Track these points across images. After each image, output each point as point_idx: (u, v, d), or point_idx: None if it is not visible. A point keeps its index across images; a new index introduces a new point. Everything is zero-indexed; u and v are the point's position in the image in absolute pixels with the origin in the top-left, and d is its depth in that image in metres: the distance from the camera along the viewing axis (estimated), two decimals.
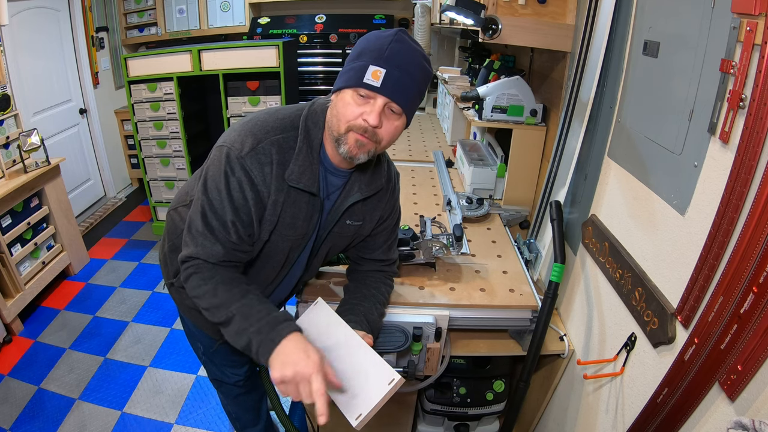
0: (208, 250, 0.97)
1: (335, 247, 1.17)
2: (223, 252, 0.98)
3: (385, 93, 0.89)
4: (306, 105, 1.04)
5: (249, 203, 0.96)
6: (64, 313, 2.75)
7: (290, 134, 0.98)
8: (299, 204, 1.01)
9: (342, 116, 0.92)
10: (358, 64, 0.90)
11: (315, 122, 0.99)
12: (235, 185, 0.95)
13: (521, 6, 1.49)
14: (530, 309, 1.31)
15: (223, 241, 0.97)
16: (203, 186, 0.97)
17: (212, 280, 0.98)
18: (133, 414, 2.08)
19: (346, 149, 0.94)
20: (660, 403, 0.89)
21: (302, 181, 0.98)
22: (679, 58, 0.93)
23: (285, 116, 1.00)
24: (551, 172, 1.53)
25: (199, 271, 0.98)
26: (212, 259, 0.98)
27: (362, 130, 0.91)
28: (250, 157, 0.94)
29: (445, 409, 1.55)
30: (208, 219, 0.96)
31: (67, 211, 2.99)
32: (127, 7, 4.07)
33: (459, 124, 2.57)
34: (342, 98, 0.93)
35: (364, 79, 0.88)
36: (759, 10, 0.69)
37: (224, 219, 0.96)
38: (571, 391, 1.38)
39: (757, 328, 0.67)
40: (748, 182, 0.71)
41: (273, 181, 0.96)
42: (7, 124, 2.59)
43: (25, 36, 3.14)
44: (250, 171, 0.94)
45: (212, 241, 0.97)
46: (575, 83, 1.37)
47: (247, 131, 0.96)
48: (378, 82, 0.88)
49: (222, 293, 0.97)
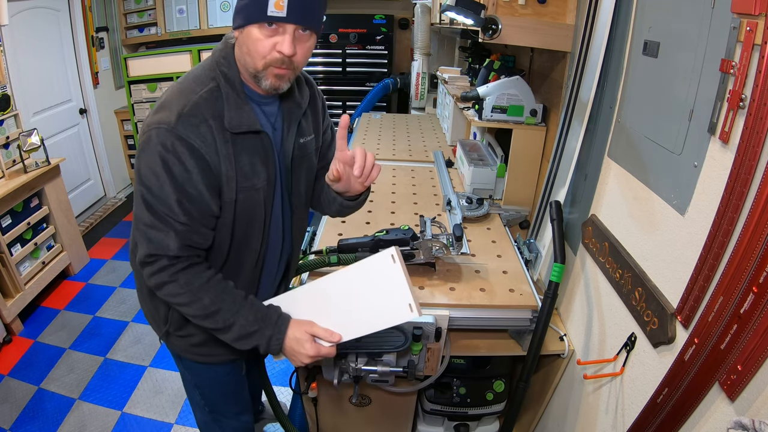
0: (161, 242, 0.91)
1: (308, 180, 1.14)
2: (177, 239, 0.92)
3: (292, 20, 0.85)
4: (212, 55, 1.00)
5: (193, 174, 0.90)
6: (64, 313, 2.75)
7: (211, 85, 0.94)
8: (250, 148, 0.97)
9: (255, 53, 0.89)
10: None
11: (228, 64, 0.95)
12: (173, 161, 0.88)
13: (521, 6, 1.49)
14: (530, 309, 1.31)
15: (174, 226, 0.91)
16: (138, 176, 0.91)
17: (189, 285, 0.95)
18: (133, 414, 2.08)
19: (268, 84, 0.92)
20: (660, 403, 0.89)
21: (243, 123, 0.94)
22: (679, 58, 0.93)
23: (198, 73, 0.96)
24: (551, 172, 1.53)
25: (163, 270, 0.94)
26: (170, 251, 0.92)
27: (279, 62, 0.89)
28: (182, 124, 0.88)
29: (445, 409, 1.55)
30: (152, 208, 0.90)
31: (67, 211, 2.99)
32: (127, 7, 4.07)
33: (459, 124, 2.57)
34: (248, 35, 0.88)
35: (268, 11, 0.84)
36: (759, 10, 0.69)
37: (168, 201, 0.90)
38: (571, 391, 1.38)
39: (757, 328, 0.67)
40: (748, 182, 0.71)
41: (216, 137, 0.92)
42: (7, 124, 2.58)
43: (25, 36, 3.14)
44: (186, 138, 0.88)
45: (164, 231, 0.91)
46: (575, 83, 1.37)
47: (166, 103, 0.92)
48: (283, 11, 0.84)
49: (208, 298, 0.95)
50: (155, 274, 0.95)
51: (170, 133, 0.87)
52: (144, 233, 0.92)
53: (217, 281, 0.98)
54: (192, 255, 0.96)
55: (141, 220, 0.92)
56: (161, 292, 0.97)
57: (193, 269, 0.96)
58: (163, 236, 0.91)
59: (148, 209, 0.91)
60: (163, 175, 0.88)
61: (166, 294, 0.97)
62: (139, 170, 0.91)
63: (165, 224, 0.91)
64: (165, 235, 0.91)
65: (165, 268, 0.94)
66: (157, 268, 0.94)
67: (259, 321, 0.98)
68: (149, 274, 0.95)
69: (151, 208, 0.90)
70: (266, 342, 0.98)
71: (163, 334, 1.17)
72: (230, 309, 0.97)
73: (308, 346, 0.97)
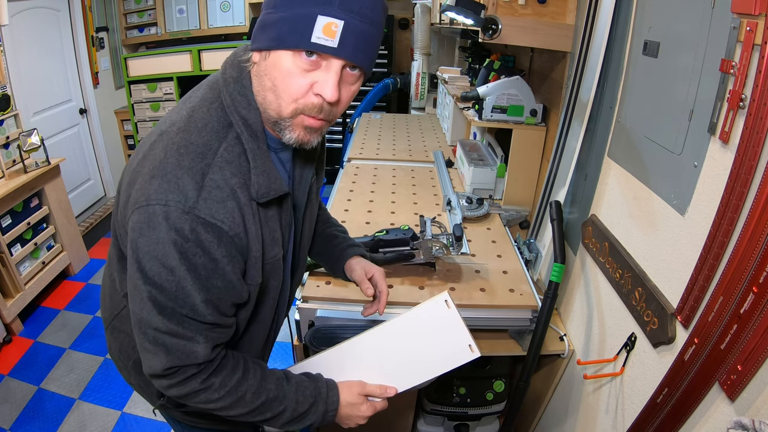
0: (185, 351, 0.71)
1: (310, 230, 1.00)
2: (206, 343, 0.72)
3: (344, 54, 0.64)
4: (216, 84, 0.74)
5: (220, 263, 0.68)
6: (64, 313, 2.75)
7: (230, 137, 0.71)
8: (272, 215, 0.77)
9: (284, 93, 0.67)
10: (299, 12, 0.62)
11: (248, 104, 0.72)
12: (194, 251, 0.65)
13: (521, 6, 1.49)
14: (530, 309, 1.31)
15: (200, 329, 0.71)
16: (139, 272, 0.67)
17: (225, 387, 0.76)
18: (133, 414, 2.08)
19: (294, 137, 0.71)
20: (660, 403, 0.89)
21: (272, 188, 0.73)
22: (679, 58, 0.93)
23: (206, 117, 0.71)
24: (551, 172, 1.53)
25: (192, 378, 0.74)
26: (199, 359, 0.72)
27: (316, 110, 0.68)
28: (205, 202, 0.65)
29: (445, 409, 1.55)
30: (167, 311, 0.68)
31: (67, 211, 2.99)
32: (127, 7, 4.07)
33: (459, 124, 2.57)
34: (276, 63, 0.66)
35: (313, 37, 0.62)
36: (759, 10, 0.69)
37: (190, 302, 0.68)
38: (571, 391, 1.38)
39: (757, 328, 0.67)
40: (748, 182, 0.71)
41: (245, 212, 0.70)
42: (7, 124, 2.58)
43: (25, 36, 3.14)
44: (212, 221, 0.66)
45: (187, 337, 0.70)
46: (575, 83, 1.37)
47: (174, 168, 0.66)
48: (334, 40, 0.62)
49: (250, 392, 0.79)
50: (180, 384, 0.74)
51: (188, 215, 0.64)
52: (157, 341, 0.70)
53: (252, 370, 0.81)
54: (220, 352, 0.77)
55: (150, 325, 0.69)
56: (192, 401, 0.77)
57: (225, 367, 0.78)
58: (186, 343, 0.70)
59: (162, 313, 0.68)
60: (181, 269, 0.66)
61: (199, 402, 0.77)
62: (139, 260, 0.66)
63: (188, 329, 0.70)
64: (189, 341, 0.71)
65: (193, 377, 0.74)
66: (182, 378, 0.73)
67: (308, 399, 0.85)
68: (170, 386, 0.74)
69: (166, 311, 0.68)
70: (321, 417, 0.87)
71: (158, 407, 0.98)
72: (276, 397, 0.82)
73: (364, 408, 0.90)
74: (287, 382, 0.84)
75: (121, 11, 4.09)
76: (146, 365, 0.74)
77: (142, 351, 0.73)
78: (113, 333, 0.94)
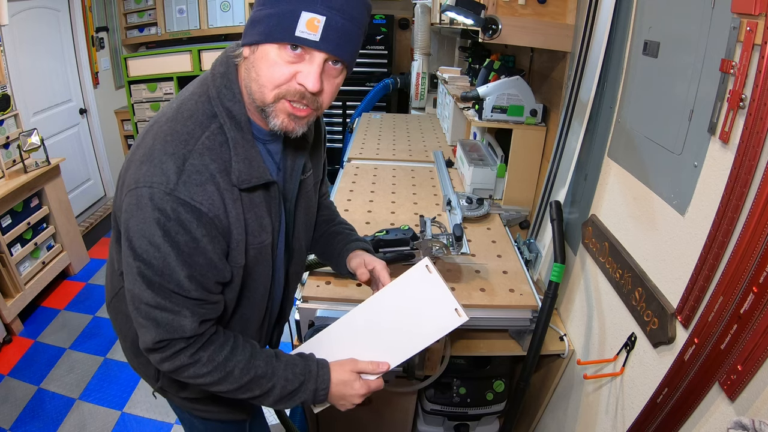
0: (173, 324, 0.75)
1: (307, 222, 1.00)
2: (193, 317, 0.76)
3: (326, 48, 0.68)
4: (205, 80, 0.79)
5: (201, 242, 0.73)
6: (64, 313, 2.75)
7: (213, 126, 0.75)
8: (258, 203, 0.82)
9: (267, 80, 0.71)
10: (284, 8, 0.67)
11: (233, 96, 0.76)
12: (176, 229, 0.71)
13: (521, 6, 1.49)
14: (530, 309, 1.31)
15: (186, 304, 0.75)
16: (130, 249, 0.72)
17: (213, 361, 0.79)
18: (133, 414, 2.08)
19: (278, 123, 0.74)
20: (660, 403, 0.89)
21: (254, 176, 0.77)
22: (679, 58, 0.93)
23: (192, 107, 0.76)
24: (551, 172, 1.53)
25: (181, 352, 0.77)
26: (186, 332, 0.75)
27: (298, 95, 0.72)
28: (184, 185, 0.70)
29: (445, 409, 1.55)
30: (155, 285, 0.73)
31: (67, 211, 2.99)
32: (127, 7, 4.07)
33: (459, 124, 2.57)
34: (263, 56, 0.70)
35: (296, 31, 0.66)
36: (759, 10, 0.69)
37: (175, 277, 0.73)
38: (571, 391, 1.38)
39: (757, 328, 0.67)
40: (748, 182, 0.71)
41: (225, 196, 0.75)
42: (7, 124, 2.58)
43: (25, 36, 3.14)
44: (191, 201, 0.71)
45: (174, 311, 0.74)
46: (575, 83, 1.37)
47: (160, 154, 0.72)
48: (316, 34, 0.67)
49: (239, 368, 0.81)
50: (170, 358, 0.78)
51: (170, 196, 0.69)
52: (148, 315, 0.75)
53: (241, 347, 0.84)
54: (209, 328, 0.81)
55: (141, 300, 0.74)
56: (182, 376, 0.81)
57: (214, 342, 0.81)
58: (174, 317, 0.75)
59: (150, 287, 0.73)
60: (166, 247, 0.71)
61: (188, 377, 0.80)
62: (130, 239, 0.72)
63: (175, 303, 0.74)
64: (176, 315, 0.75)
65: (182, 351, 0.78)
66: (171, 352, 0.77)
67: (298, 377, 0.86)
68: (162, 359, 0.78)
69: (154, 285, 0.73)
70: (312, 396, 0.87)
71: (157, 389, 1.01)
72: (265, 374, 0.83)
73: (357, 386, 0.88)
74: (277, 360, 0.86)
75: (121, 11, 4.09)
76: (141, 340, 0.78)
77: (137, 327, 0.78)
78: (114, 313, 0.98)
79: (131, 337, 0.94)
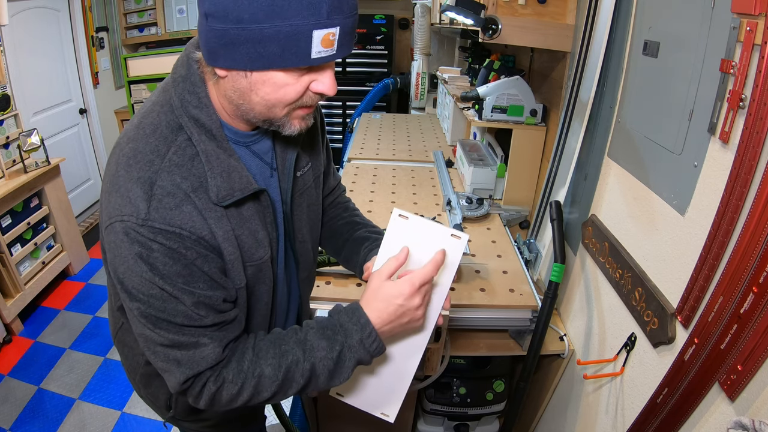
0: (195, 359, 0.68)
1: (311, 220, 0.91)
2: (213, 345, 0.69)
3: (341, 54, 0.63)
4: (166, 85, 0.71)
5: (196, 265, 0.66)
6: (64, 313, 2.75)
7: (179, 140, 0.67)
8: (248, 215, 0.73)
9: (277, 101, 0.64)
10: (283, 29, 0.56)
11: (199, 102, 0.67)
12: (163, 261, 0.63)
13: (521, 6, 1.49)
14: (530, 309, 1.31)
15: (203, 333, 0.68)
16: (124, 292, 0.66)
17: (241, 373, 0.71)
18: (133, 414, 2.08)
19: (295, 130, 0.69)
20: (660, 403, 0.89)
21: (235, 188, 0.69)
22: (679, 58, 0.93)
23: (155, 121, 0.67)
24: (551, 172, 1.53)
25: (209, 381, 0.70)
26: (210, 361, 0.69)
27: (315, 101, 0.68)
28: (157, 211, 0.63)
29: (445, 409, 1.55)
30: (161, 323, 0.66)
31: (67, 211, 2.99)
32: (127, 7, 4.07)
33: (459, 124, 2.57)
34: (268, 81, 0.62)
35: (313, 53, 0.59)
36: (759, 10, 0.69)
37: (181, 309, 0.66)
38: (571, 391, 1.38)
39: (757, 328, 0.67)
40: (748, 182, 0.71)
41: (206, 215, 0.67)
42: (7, 124, 2.58)
43: (25, 36, 3.14)
44: (168, 228, 0.63)
45: (192, 346, 0.68)
46: (575, 83, 1.37)
47: (125, 180, 0.64)
48: (332, 48, 0.60)
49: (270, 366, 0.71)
50: (201, 393, 0.70)
51: (144, 228, 0.62)
52: (166, 357, 0.68)
53: (259, 343, 0.74)
54: (229, 346, 0.72)
55: (154, 342, 0.68)
56: (220, 405, 0.72)
57: (235, 353, 0.72)
58: (193, 351, 0.68)
59: (158, 326, 0.66)
60: (158, 281, 0.64)
61: (226, 403, 0.72)
62: (121, 281, 0.65)
63: (190, 335, 0.67)
64: (195, 348, 0.68)
65: (210, 379, 0.70)
66: (200, 386, 0.70)
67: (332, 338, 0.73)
68: (195, 398, 0.71)
69: (162, 324, 0.66)
70: (362, 347, 0.73)
71: (169, 419, 0.95)
72: (297, 359, 0.72)
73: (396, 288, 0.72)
74: (302, 335, 0.74)
75: (121, 11, 4.09)
76: (169, 386, 0.71)
77: (161, 372, 0.71)
78: (119, 346, 0.93)
79: (141, 370, 0.89)
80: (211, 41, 0.60)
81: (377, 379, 0.87)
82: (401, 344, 0.84)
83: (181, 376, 0.68)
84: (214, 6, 0.57)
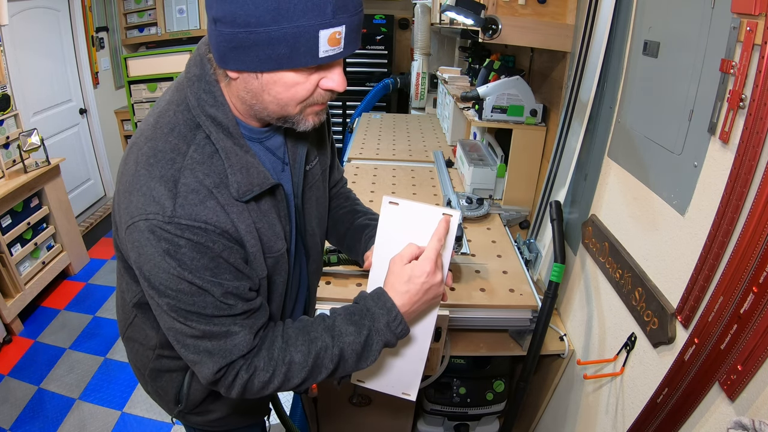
0: (228, 347, 0.69)
1: (319, 214, 0.94)
2: (244, 331, 0.70)
3: (348, 51, 0.64)
4: (181, 84, 0.72)
5: (222, 257, 0.68)
6: (64, 313, 2.75)
7: (198, 138, 0.69)
8: (266, 208, 0.76)
9: (289, 100, 0.66)
10: (289, 31, 0.58)
11: (213, 101, 0.69)
12: (191, 256, 0.65)
13: (521, 6, 1.49)
14: (530, 309, 1.31)
15: (234, 322, 0.70)
16: (152, 289, 0.68)
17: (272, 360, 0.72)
18: (133, 414, 2.08)
19: (309, 126, 0.72)
20: (660, 403, 0.89)
21: (254, 183, 0.71)
22: (679, 58, 0.93)
23: (172, 120, 0.69)
24: (551, 172, 1.53)
25: (242, 369, 0.71)
26: (243, 349, 0.70)
27: (326, 98, 0.69)
28: (182, 208, 0.65)
29: (445, 409, 1.55)
30: (192, 317, 0.68)
31: (67, 211, 2.99)
32: (127, 7, 4.07)
33: (459, 124, 2.57)
34: (277, 80, 0.64)
35: (320, 53, 0.60)
36: (759, 10, 0.69)
37: (210, 301, 0.68)
38: (571, 391, 1.38)
39: (757, 328, 0.67)
40: (748, 182, 0.71)
41: (229, 210, 0.70)
42: (7, 124, 2.58)
43: (25, 36, 3.14)
44: (195, 224, 0.65)
45: (224, 336, 0.69)
46: (575, 83, 1.37)
47: (146, 179, 0.66)
48: (339, 46, 0.62)
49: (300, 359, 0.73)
50: (234, 382, 0.72)
51: (170, 225, 0.64)
52: (197, 348, 0.70)
53: (288, 330, 0.76)
54: (259, 333, 0.74)
55: (185, 335, 0.69)
56: (252, 393, 0.74)
57: (265, 342, 0.74)
58: (225, 340, 0.69)
59: (189, 319, 0.68)
60: (186, 275, 0.65)
61: (257, 391, 0.74)
62: (147, 279, 0.67)
63: (220, 325, 0.69)
64: (227, 337, 0.69)
65: (242, 368, 0.71)
66: (234, 374, 0.71)
67: (360, 323, 0.75)
68: (227, 388, 0.73)
69: (192, 316, 0.68)
70: (388, 330, 0.75)
71: (176, 414, 0.96)
72: (326, 345, 0.74)
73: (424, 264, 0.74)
74: (330, 323, 0.76)
75: (121, 11, 4.09)
76: (201, 377, 0.73)
77: (192, 365, 0.73)
78: (128, 343, 0.94)
79: (150, 365, 0.91)
80: (221, 45, 0.62)
81: (397, 360, 0.90)
82: (418, 323, 0.86)
83: (214, 366, 0.70)
84: (222, 11, 0.59)
